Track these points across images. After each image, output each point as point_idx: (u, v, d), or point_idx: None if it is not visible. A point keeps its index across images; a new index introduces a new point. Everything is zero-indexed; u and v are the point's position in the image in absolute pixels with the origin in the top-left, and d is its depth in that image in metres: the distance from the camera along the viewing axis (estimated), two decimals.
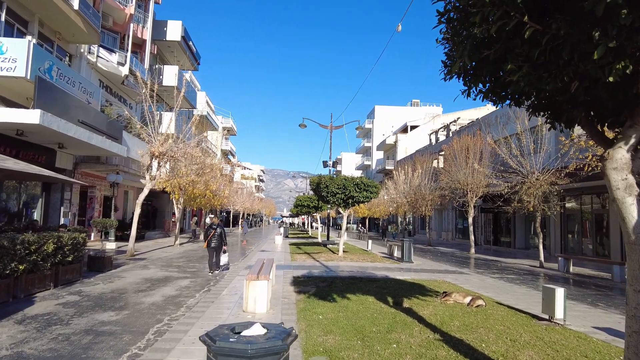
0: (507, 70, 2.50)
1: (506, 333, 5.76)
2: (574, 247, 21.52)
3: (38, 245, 7.79)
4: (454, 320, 6.41)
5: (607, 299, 9.49)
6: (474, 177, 22.50)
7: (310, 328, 5.76)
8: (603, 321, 6.94)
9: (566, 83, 2.34)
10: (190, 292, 8.67)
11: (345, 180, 16.57)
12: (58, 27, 16.72)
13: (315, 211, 31.67)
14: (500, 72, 2.78)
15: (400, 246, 16.76)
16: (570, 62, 2.21)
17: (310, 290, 8.69)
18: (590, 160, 13.01)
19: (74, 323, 5.94)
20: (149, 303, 7.50)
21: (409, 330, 5.72)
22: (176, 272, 11.75)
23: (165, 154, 15.81)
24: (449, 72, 3.24)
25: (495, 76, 2.91)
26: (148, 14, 24.41)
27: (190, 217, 36.53)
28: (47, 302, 7.25)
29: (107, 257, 11.62)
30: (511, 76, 2.48)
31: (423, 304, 7.52)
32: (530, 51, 2.32)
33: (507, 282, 11.55)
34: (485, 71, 2.84)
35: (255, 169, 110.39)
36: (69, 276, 9.26)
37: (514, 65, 2.42)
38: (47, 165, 15.55)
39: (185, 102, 28.68)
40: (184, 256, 16.20)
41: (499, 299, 8.69)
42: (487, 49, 2.58)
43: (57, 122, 12.91)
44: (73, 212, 18.93)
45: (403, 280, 10.83)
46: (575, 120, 3.06)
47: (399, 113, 68.95)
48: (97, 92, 18.09)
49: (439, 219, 39.85)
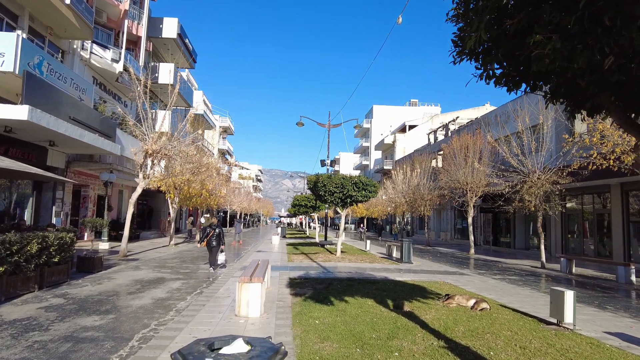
0: (532, 43, 2.15)
1: (514, 339, 5.42)
2: (575, 248, 21.23)
3: (20, 246, 7.41)
4: (459, 325, 6.07)
5: (614, 302, 9.16)
6: (474, 176, 22.18)
7: (305, 334, 5.40)
8: (614, 326, 6.61)
9: (599, 60, 2.00)
10: (181, 295, 8.30)
11: (344, 179, 16.21)
12: (49, 22, 16.32)
13: (312, 211, 31.29)
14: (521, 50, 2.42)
15: (399, 246, 16.43)
16: (610, 30, 1.87)
17: (307, 293, 8.33)
18: (595, 158, 12.69)
19: (53, 329, 5.57)
20: (137, 306, 7.13)
21: (411, 337, 5.37)
22: (169, 273, 11.37)
23: (159, 152, 15.41)
24: (460, 51, 2.89)
25: (513, 55, 2.56)
26: (143, 11, 23.99)
27: (186, 217, 36.15)
28: (28, 306, 6.87)
29: (97, 258, 11.24)
30: (538, 49, 2.13)
31: (425, 308, 7.17)
32: (562, 19, 1.98)
33: (509, 284, 11.22)
34: (504, 48, 2.49)
35: (253, 168, 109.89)
36: (55, 278, 8.87)
37: (541, 36, 2.08)
38: (38, 164, 15.15)
39: (181, 100, 28.30)
40: (178, 257, 15.82)
41: (503, 301, 8.36)
42: (508, 18, 2.23)
43: (47, 118, 12.51)
44: (65, 212, 18.51)
45: (403, 281, 10.48)
46: (602, 107, 2.72)
47: (397, 113, 68.67)
48: (90, 88, 17.68)
49: (437, 219, 39.54)
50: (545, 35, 2.08)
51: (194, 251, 18.42)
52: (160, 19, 26.38)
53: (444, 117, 50.33)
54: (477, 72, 3.09)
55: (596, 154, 12.63)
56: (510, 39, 2.42)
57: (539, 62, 2.21)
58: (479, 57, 2.78)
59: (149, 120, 15.32)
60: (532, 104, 18.59)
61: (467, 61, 3.15)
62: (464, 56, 3.00)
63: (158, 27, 26.21)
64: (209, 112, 45.65)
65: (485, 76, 2.79)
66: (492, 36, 2.41)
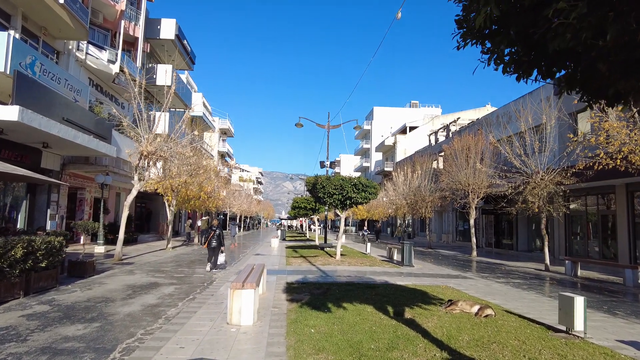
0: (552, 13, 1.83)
1: (523, 350, 5.08)
2: (579, 250, 20.86)
3: (3, 250, 7.09)
4: (462, 333, 5.73)
5: (624, 307, 8.81)
6: (476, 177, 21.83)
7: (300, 344, 5.07)
8: (627, 333, 6.26)
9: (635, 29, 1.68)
10: (172, 301, 7.97)
11: (343, 180, 15.88)
12: (43, 22, 16.06)
13: (312, 213, 30.94)
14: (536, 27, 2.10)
15: (400, 249, 16.08)
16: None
17: (304, 299, 8.00)
18: (601, 157, 12.33)
19: (32, 339, 5.24)
20: (125, 314, 6.81)
21: (412, 347, 5.03)
22: (162, 277, 11.04)
23: (155, 153, 15.10)
24: (465, 33, 2.56)
25: (526, 34, 2.24)
26: (140, 12, 23.74)
27: (185, 220, 35.81)
28: (10, 314, 6.54)
29: (89, 262, 10.91)
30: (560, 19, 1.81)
31: (427, 314, 6.83)
32: None
33: (513, 288, 10.87)
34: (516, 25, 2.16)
35: (254, 171, 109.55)
36: (43, 283, 8.55)
37: (565, 3, 1.76)
38: (32, 166, 14.86)
39: (179, 102, 28.04)
40: (174, 260, 15.49)
41: (508, 306, 8.02)
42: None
43: (39, 119, 12.22)
44: (61, 215, 18.20)
45: (404, 286, 10.14)
46: (627, 94, 2.39)
47: (397, 114, 68.36)
48: (85, 90, 17.41)
49: (438, 221, 39.16)
50: (569, 2, 1.76)
51: (191, 255, 18.09)
52: (158, 20, 26.14)
53: (445, 118, 50.00)
54: (483, 57, 2.77)
55: (602, 154, 12.28)
56: (525, 14, 2.10)
57: (559, 38, 1.89)
58: (486, 38, 2.46)
59: (145, 122, 15.01)
60: (534, 104, 18.27)
61: (472, 45, 2.83)
62: (469, 39, 2.67)
63: (156, 28, 25.97)
64: (208, 114, 45.39)
65: (494, 59, 2.47)
66: (504, 11, 2.09)
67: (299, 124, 23.07)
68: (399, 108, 71.97)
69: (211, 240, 12.80)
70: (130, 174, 20.02)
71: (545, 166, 15.83)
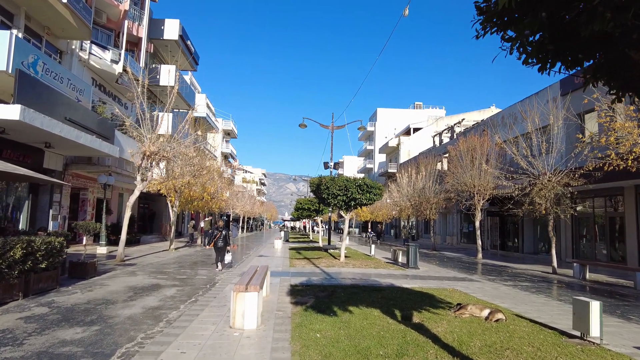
0: None
1: (538, 357, 4.87)
2: (586, 252, 20.56)
3: (2, 251, 6.94)
4: (474, 339, 5.52)
5: (638, 311, 8.56)
6: (481, 178, 21.59)
7: (305, 350, 4.88)
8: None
9: None
10: (174, 303, 7.80)
11: (347, 181, 15.68)
12: (46, 22, 15.99)
13: (316, 214, 30.75)
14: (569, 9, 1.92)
15: (404, 251, 15.85)
16: None
17: (309, 302, 7.81)
18: (612, 158, 12.07)
19: (28, 343, 5.08)
20: (125, 316, 6.64)
21: (422, 354, 4.83)
22: (165, 279, 10.88)
23: (157, 154, 14.97)
24: (486, 19, 2.38)
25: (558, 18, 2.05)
26: (144, 12, 23.70)
27: (188, 221, 35.73)
28: (7, 316, 6.39)
29: (91, 263, 10.76)
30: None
31: (436, 319, 6.62)
32: None
33: (522, 291, 10.63)
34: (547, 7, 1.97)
35: (257, 172, 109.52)
36: (42, 285, 8.40)
37: None
38: (35, 166, 14.75)
39: (182, 103, 27.97)
40: (177, 262, 15.33)
41: (518, 310, 7.80)
42: None
43: (41, 118, 12.12)
44: (63, 215, 18.11)
45: (410, 289, 9.92)
46: None
47: (401, 115, 68.12)
48: (88, 89, 17.32)
49: (443, 222, 38.86)
50: None
51: (193, 256, 17.93)
52: (162, 21, 26.08)
53: (449, 119, 49.72)
54: (505, 45, 2.59)
55: (613, 154, 12.02)
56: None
57: (598, 20, 1.71)
58: (510, 25, 2.28)
59: (147, 122, 14.88)
60: (541, 104, 18.02)
61: (492, 33, 2.64)
62: (489, 26, 2.48)
63: (159, 28, 25.91)
64: (211, 115, 45.32)
65: (518, 47, 2.28)
66: None
67: (303, 125, 22.91)
68: (402, 109, 71.72)
69: (217, 241, 13.03)
70: (133, 175, 19.88)
71: (552, 167, 15.57)
